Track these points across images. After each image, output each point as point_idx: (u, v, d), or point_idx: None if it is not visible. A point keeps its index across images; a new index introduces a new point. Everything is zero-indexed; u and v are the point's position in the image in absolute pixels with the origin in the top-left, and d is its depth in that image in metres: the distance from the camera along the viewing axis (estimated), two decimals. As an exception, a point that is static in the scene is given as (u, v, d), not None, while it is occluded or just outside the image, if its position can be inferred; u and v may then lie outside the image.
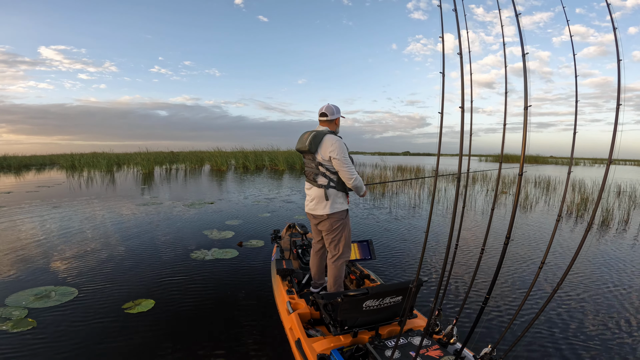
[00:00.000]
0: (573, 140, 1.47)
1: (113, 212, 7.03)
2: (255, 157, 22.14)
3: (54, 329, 2.58)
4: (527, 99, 1.34)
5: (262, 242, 4.97)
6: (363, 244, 3.27)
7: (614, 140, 1.24)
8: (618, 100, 1.26)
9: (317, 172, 2.56)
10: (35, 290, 3.20)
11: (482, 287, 3.47)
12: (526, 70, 1.32)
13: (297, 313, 2.34)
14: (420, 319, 2.32)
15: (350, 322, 2.06)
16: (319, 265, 2.92)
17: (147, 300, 3.05)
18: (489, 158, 43.23)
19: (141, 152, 23.97)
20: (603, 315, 2.95)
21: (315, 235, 2.86)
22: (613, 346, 2.50)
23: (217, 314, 2.89)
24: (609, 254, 4.69)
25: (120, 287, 3.35)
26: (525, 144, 1.34)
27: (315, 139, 2.50)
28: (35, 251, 4.39)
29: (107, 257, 4.19)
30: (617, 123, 1.23)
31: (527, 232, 5.82)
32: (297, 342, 2.10)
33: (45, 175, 16.02)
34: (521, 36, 1.36)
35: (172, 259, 4.18)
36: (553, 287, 1.53)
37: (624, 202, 8.72)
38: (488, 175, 15.04)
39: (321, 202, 2.56)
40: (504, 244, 1.51)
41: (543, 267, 1.58)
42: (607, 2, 1.35)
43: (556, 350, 2.44)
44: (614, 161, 1.37)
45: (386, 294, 2.05)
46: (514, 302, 3.15)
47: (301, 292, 2.97)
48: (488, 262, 4.17)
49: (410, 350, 1.88)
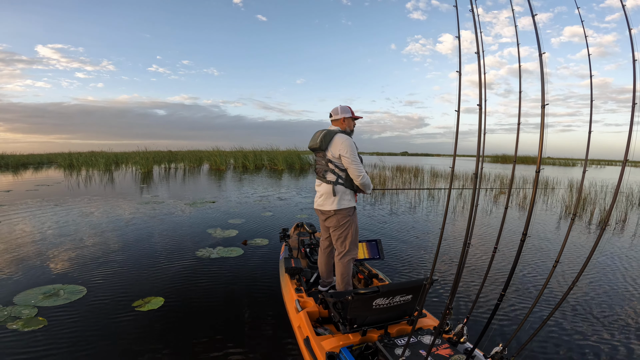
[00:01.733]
0: (588, 142, 1.51)
1: (115, 210, 7.02)
2: (254, 156, 22.12)
3: (66, 327, 2.59)
4: (544, 97, 1.37)
5: (267, 240, 4.99)
6: (372, 243, 3.29)
7: (630, 142, 1.27)
8: (634, 100, 1.29)
9: (327, 169, 2.65)
10: (43, 289, 3.20)
11: (491, 286, 3.49)
12: (543, 70, 1.35)
13: (305, 311, 2.36)
14: (429, 317, 2.33)
15: (360, 321, 2.06)
16: (327, 264, 2.95)
17: (156, 298, 3.06)
18: (487, 159, 43.37)
19: (139, 151, 23.88)
20: (617, 316, 2.94)
21: (324, 232, 2.91)
22: (626, 347, 2.50)
23: (226, 311, 2.91)
24: (621, 254, 4.73)
25: (128, 285, 3.36)
26: (542, 142, 1.37)
27: (326, 137, 2.62)
28: (40, 249, 4.38)
29: (113, 255, 4.20)
30: (633, 124, 1.27)
31: (536, 231, 5.87)
32: (306, 340, 2.11)
33: (43, 174, 15.94)
34: (538, 39, 1.39)
35: (178, 257, 4.19)
36: (565, 286, 1.56)
37: (621, 203, 8.81)
38: (487, 175, 15.11)
39: (329, 198, 2.65)
40: (520, 240, 1.54)
41: (557, 266, 1.61)
42: (623, 4, 1.38)
43: (569, 350, 2.44)
44: (618, 162, 1.40)
45: (397, 292, 2.05)
46: (525, 301, 3.16)
47: (309, 290, 2.99)
48: (498, 260, 4.21)
49: (420, 349, 1.89)
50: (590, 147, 1.49)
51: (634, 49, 1.34)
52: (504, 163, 32.89)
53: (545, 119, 1.34)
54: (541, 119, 1.40)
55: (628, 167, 8.67)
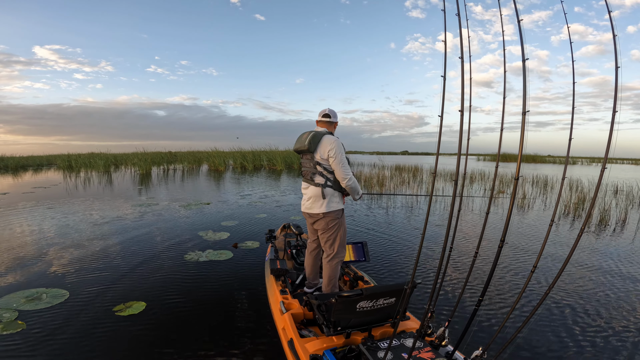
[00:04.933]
0: (568, 147, 1.46)
1: (108, 213, 7.00)
2: (253, 157, 22.11)
3: (43, 331, 2.55)
4: (525, 104, 1.31)
5: (258, 243, 4.95)
6: (357, 245, 3.26)
7: (609, 145, 1.22)
8: (614, 107, 1.24)
9: (315, 172, 2.60)
10: (26, 292, 3.17)
11: (474, 290, 3.46)
12: (525, 75, 1.29)
13: (290, 313, 2.34)
14: (413, 320, 2.31)
15: (344, 323, 2.05)
16: (314, 265, 2.92)
17: (138, 303, 3.02)
18: (486, 157, 43.32)
19: (139, 152, 23.94)
20: (595, 318, 2.93)
21: (311, 234, 2.88)
22: (605, 349, 2.49)
23: (209, 315, 2.86)
24: (604, 255, 4.68)
25: (112, 289, 3.32)
26: (522, 148, 1.32)
27: (314, 138, 2.55)
28: (28, 253, 4.36)
29: (100, 259, 4.16)
30: (613, 130, 1.22)
31: (521, 235, 5.79)
32: (290, 343, 2.09)
33: (42, 176, 15.97)
34: (522, 42, 1.33)
35: (166, 260, 4.15)
36: (545, 290, 1.52)
37: (620, 202, 8.74)
38: (485, 174, 15.05)
39: (318, 201, 2.60)
40: (498, 247, 1.50)
41: (536, 270, 1.57)
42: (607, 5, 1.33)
43: (547, 352, 2.43)
44: (610, 160, 1.35)
45: (380, 295, 2.04)
46: (506, 305, 3.13)
47: (295, 292, 2.95)
48: (481, 265, 4.15)
49: (402, 352, 1.87)
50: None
51: (617, 57, 1.29)
52: (503, 162, 32.80)
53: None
54: (522, 126, 1.33)
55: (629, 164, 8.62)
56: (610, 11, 1.40)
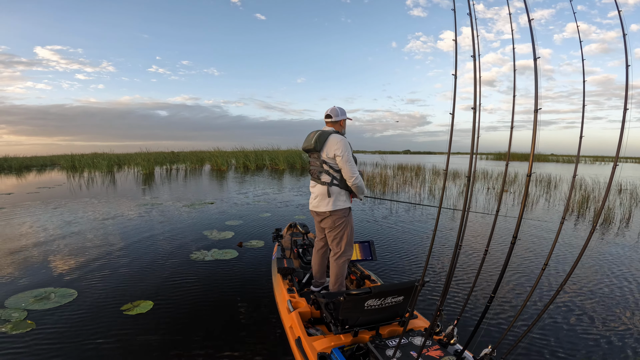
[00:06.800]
0: (579, 144, 1.46)
1: (113, 213, 7.03)
2: (255, 156, 22.13)
3: (52, 330, 2.57)
4: (537, 102, 1.32)
5: (262, 242, 4.96)
6: (364, 244, 3.27)
7: (620, 144, 1.22)
8: (625, 105, 1.24)
9: (322, 170, 2.63)
10: (35, 292, 3.19)
11: (482, 288, 3.45)
12: (537, 74, 1.29)
13: (297, 312, 2.34)
14: (420, 319, 2.31)
15: (352, 322, 2.05)
16: (321, 264, 2.94)
17: (145, 302, 3.03)
18: (489, 156, 43.18)
19: (141, 152, 24.01)
20: (606, 317, 2.91)
21: (318, 233, 2.90)
22: (616, 348, 2.47)
23: (216, 314, 2.88)
24: (613, 254, 4.66)
25: (119, 288, 3.33)
26: (534, 145, 1.32)
27: (320, 137, 2.59)
28: (35, 253, 4.38)
29: (107, 259, 4.18)
30: (624, 128, 1.21)
31: (530, 232, 5.79)
32: (297, 341, 2.10)
33: (46, 176, 16.04)
34: (533, 40, 1.33)
35: (172, 260, 4.17)
36: (556, 289, 1.53)
37: (625, 200, 8.70)
38: (487, 173, 15.02)
39: (324, 199, 2.63)
40: (510, 243, 1.51)
41: (546, 268, 1.58)
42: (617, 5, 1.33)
43: (557, 352, 2.42)
44: (622, 158, 1.35)
45: (389, 293, 2.04)
46: (515, 303, 3.12)
47: (301, 291, 2.96)
48: (487, 263, 4.15)
49: (410, 350, 1.87)
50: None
51: (628, 55, 1.29)
52: (506, 160, 32.64)
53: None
54: (534, 124, 1.34)
55: (633, 163, 8.55)
56: (620, 10, 1.40)
